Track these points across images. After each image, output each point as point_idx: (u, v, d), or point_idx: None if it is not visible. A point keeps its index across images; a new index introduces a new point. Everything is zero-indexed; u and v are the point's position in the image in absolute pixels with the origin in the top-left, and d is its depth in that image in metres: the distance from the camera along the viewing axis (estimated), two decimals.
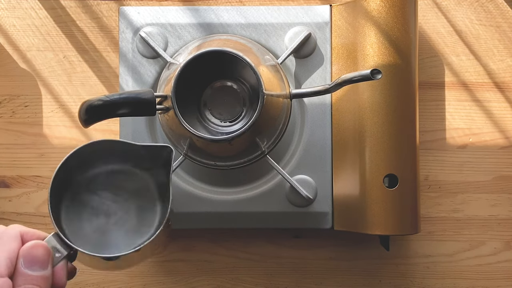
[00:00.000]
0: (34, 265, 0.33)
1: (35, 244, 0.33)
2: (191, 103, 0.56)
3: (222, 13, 0.62)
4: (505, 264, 0.64)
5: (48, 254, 0.33)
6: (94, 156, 0.44)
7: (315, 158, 0.61)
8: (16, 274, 0.32)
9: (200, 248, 0.65)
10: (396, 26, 0.58)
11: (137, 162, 0.46)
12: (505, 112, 0.65)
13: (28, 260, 0.33)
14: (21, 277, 0.32)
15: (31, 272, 0.32)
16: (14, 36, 0.66)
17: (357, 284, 0.64)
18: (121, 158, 0.46)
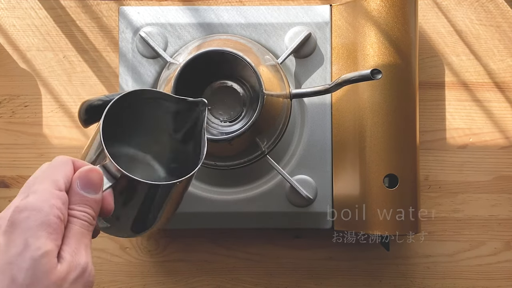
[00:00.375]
0: (89, 187, 0.35)
1: (91, 168, 0.36)
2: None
3: (222, 13, 0.62)
4: (506, 264, 0.64)
5: (101, 179, 0.36)
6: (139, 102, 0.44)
7: (315, 158, 0.61)
8: (71, 193, 0.35)
9: (200, 248, 0.65)
10: (396, 26, 0.58)
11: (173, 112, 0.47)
12: (505, 112, 0.65)
13: (84, 182, 0.35)
14: (76, 196, 0.35)
15: (85, 194, 0.35)
16: (14, 36, 0.66)
17: (357, 284, 0.64)
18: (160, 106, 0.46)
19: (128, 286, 0.64)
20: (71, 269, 0.32)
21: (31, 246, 0.31)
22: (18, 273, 0.31)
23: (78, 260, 0.33)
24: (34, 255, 0.31)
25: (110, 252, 0.64)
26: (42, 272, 0.31)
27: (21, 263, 0.31)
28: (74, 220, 0.34)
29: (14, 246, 0.31)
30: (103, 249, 0.64)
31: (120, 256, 0.64)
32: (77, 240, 0.33)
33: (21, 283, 0.30)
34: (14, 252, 0.31)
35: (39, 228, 0.32)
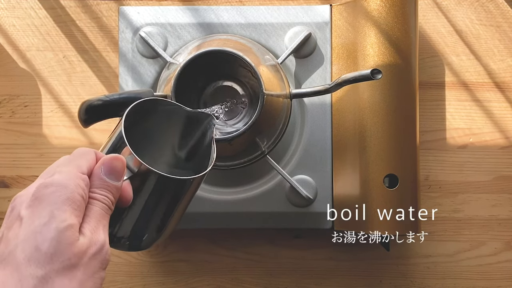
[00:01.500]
0: (112, 174, 0.37)
1: (116, 157, 0.37)
2: (191, 103, 0.56)
3: (222, 13, 0.62)
4: (506, 264, 0.64)
5: (124, 168, 0.38)
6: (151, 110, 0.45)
7: (315, 158, 0.61)
8: (94, 178, 0.36)
9: (200, 248, 0.65)
10: (396, 26, 0.58)
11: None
12: (506, 112, 0.65)
13: (107, 169, 0.37)
14: (99, 181, 0.36)
15: (108, 179, 0.36)
16: (14, 36, 0.66)
17: (357, 284, 0.64)
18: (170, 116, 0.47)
19: (128, 286, 0.64)
20: (91, 244, 0.33)
21: (56, 217, 0.32)
22: (42, 242, 0.32)
23: (97, 237, 0.34)
24: (60, 226, 0.32)
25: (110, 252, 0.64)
26: (66, 243, 0.32)
27: (46, 233, 0.32)
28: (95, 202, 0.35)
29: (39, 217, 0.32)
30: None
31: (120, 256, 0.64)
32: (96, 220, 0.35)
33: (45, 251, 0.31)
34: (39, 222, 0.32)
35: (65, 203, 0.33)
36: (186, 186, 0.42)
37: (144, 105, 0.43)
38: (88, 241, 0.33)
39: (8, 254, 0.32)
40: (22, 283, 0.31)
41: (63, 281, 0.32)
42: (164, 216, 0.43)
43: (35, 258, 0.31)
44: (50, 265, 0.31)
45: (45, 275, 0.31)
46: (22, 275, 0.31)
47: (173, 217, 0.44)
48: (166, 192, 0.42)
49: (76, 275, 0.32)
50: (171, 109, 0.46)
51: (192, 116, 0.46)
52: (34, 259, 0.31)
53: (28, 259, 0.31)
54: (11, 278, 0.31)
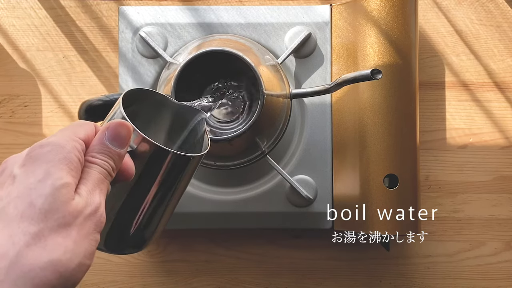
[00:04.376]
0: (115, 140, 0.35)
1: (122, 122, 0.36)
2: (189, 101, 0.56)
3: (222, 13, 0.62)
4: (506, 265, 0.64)
5: (130, 135, 0.36)
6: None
7: (315, 158, 0.61)
8: (97, 142, 0.35)
9: (200, 248, 0.65)
10: (396, 26, 0.58)
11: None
12: (506, 112, 0.65)
13: (112, 134, 0.35)
14: (101, 146, 0.35)
15: (111, 145, 0.35)
16: (14, 36, 0.65)
17: (357, 284, 0.64)
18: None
19: (128, 286, 0.64)
20: (87, 204, 0.32)
21: (52, 175, 0.31)
22: (37, 198, 0.30)
23: (93, 199, 0.33)
24: (55, 183, 0.31)
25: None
26: (61, 201, 0.31)
27: (41, 189, 0.31)
28: (93, 166, 0.34)
29: (34, 175, 0.31)
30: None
31: (120, 256, 0.64)
32: (93, 183, 0.33)
33: (39, 208, 0.30)
34: (34, 179, 0.31)
35: (61, 161, 0.32)
36: (187, 164, 0.41)
37: (136, 95, 0.42)
38: (84, 202, 0.32)
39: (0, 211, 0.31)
40: (13, 239, 0.30)
41: (57, 239, 0.30)
42: (160, 201, 0.42)
43: (28, 215, 0.30)
44: (44, 222, 0.30)
45: (38, 232, 0.30)
46: (13, 231, 0.30)
47: (170, 202, 0.43)
48: (165, 169, 0.40)
49: (70, 234, 0.31)
50: (163, 102, 0.45)
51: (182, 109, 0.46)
52: (27, 215, 0.30)
53: (21, 216, 0.30)
54: (1, 234, 0.30)
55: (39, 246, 0.30)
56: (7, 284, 0.28)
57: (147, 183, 0.40)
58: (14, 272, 0.29)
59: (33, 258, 0.29)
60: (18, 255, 0.29)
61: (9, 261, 0.29)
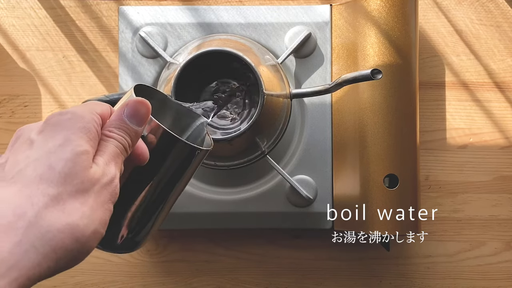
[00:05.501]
0: (134, 117, 0.35)
1: (142, 100, 0.36)
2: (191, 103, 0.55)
3: (222, 13, 0.61)
4: (506, 265, 0.64)
5: (148, 114, 0.36)
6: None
7: (315, 158, 0.61)
8: (115, 118, 0.35)
9: (200, 248, 0.65)
10: (396, 26, 0.58)
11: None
12: (506, 112, 0.65)
13: (131, 111, 0.35)
14: (119, 122, 0.35)
15: (129, 122, 0.35)
16: (14, 36, 0.65)
17: (357, 284, 0.64)
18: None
19: (128, 286, 0.64)
20: (103, 174, 0.32)
21: (72, 141, 0.31)
22: (57, 162, 0.30)
23: (109, 169, 0.33)
24: (75, 149, 0.31)
25: (110, 253, 0.64)
26: (80, 167, 0.31)
27: (61, 154, 0.31)
28: (110, 140, 0.34)
29: (53, 140, 0.31)
30: None
31: (120, 257, 0.64)
32: (109, 155, 0.33)
33: (59, 171, 0.30)
34: (53, 144, 0.31)
35: (81, 130, 0.32)
36: (193, 156, 0.41)
37: (143, 91, 0.42)
38: (101, 171, 0.32)
39: (17, 173, 0.30)
40: (32, 200, 0.29)
41: (75, 204, 0.30)
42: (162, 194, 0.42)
43: (48, 177, 0.30)
44: (63, 185, 0.30)
45: (57, 195, 0.30)
46: (32, 192, 0.29)
47: (170, 197, 0.43)
48: (173, 158, 0.40)
49: (87, 200, 0.31)
50: (165, 102, 0.45)
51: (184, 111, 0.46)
52: (47, 177, 0.30)
53: (40, 178, 0.30)
54: (19, 194, 0.29)
55: (58, 209, 0.30)
56: (25, 245, 0.28)
57: (154, 170, 0.40)
58: (32, 233, 0.28)
59: (51, 220, 0.29)
60: (37, 216, 0.29)
61: (27, 222, 0.28)
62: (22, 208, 0.29)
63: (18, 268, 0.27)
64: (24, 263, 0.28)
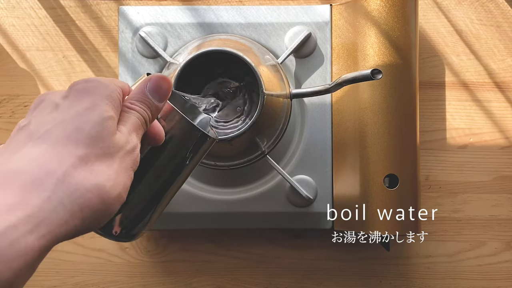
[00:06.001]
0: (156, 93, 0.35)
1: (164, 77, 0.36)
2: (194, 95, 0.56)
3: (222, 13, 0.61)
4: (506, 265, 0.64)
5: (169, 90, 0.36)
6: None
7: (315, 158, 0.61)
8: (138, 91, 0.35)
9: (200, 248, 0.65)
10: (396, 26, 0.58)
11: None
12: (506, 112, 0.65)
13: (153, 86, 0.35)
14: (141, 95, 0.35)
15: (151, 97, 0.35)
16: (14, 36, 0.65)
17: (357, 284, 0.64)
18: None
19: (128, 286, 0.64)
20: (127, 141, 0.32)
21: (99, 106, 0.31)
22: (85, 124, 0.31)
23: (132, 138, 0.33)
24: (103, 114, 0.31)
25: (110, 253, 0.64)
26: (107, 131, 0.31)
27: (89, 116, 0.31)
28: (132, 112, 0.34)
29: (80, 104, 0.31)
30: (103, 249, 0.64)
31: (120, 257, 0.64)
32: (131, 126, 0.33)
33: (87, 133, 0.30)
34: (81, 108, 0.31)
35: (106, 97, 0.32)
36: (202, 144, 0.41)
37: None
38: (124, 138, 0.32)
39: (44, 133, 0.30)
40: (61, 158, 0.29)
41: (101, 166, 0.30)
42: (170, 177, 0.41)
43: (76, 138, 0.30)
44: (91, 147, 0.30)
45: (85, 155, 0.30)
46: (60, 151, 0.30)
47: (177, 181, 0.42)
48: (183, 143, 0.40)
49: (113, 164, 0.31)
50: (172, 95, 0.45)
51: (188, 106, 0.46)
52: (75, 138, 0.30)
53: (68, 138, 0.30)
54: (46, 153, 0.29)
55: (85, 170, 0.30)
56: (54, 201, 0.28)
57: (164, 153, 0.40)
58: (61, 190, 0.28)
59: (79, 179, 0.29)
60: (65, 174, 0.29)
61: (56, 179, 0.28)
62: (50, 166, 0.29)
63: (46, 224, 0.27)
64: (52, 220, 0.28)
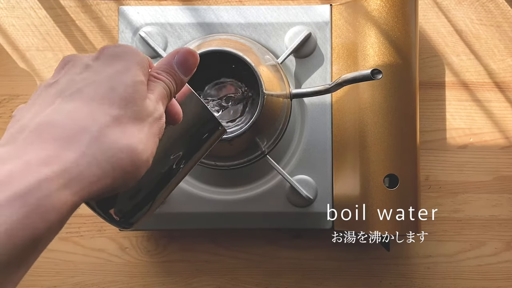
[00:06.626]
0: (182, 66, 0.35)
1: (192, 51, 0.36)
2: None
3: (222, 13, 0.61)
4: (506, 265, 0.64)
5: (195, 66, 0.36)
6: None
7: (315, 158, 0.61)
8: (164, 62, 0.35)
9: (200, 248, 0.65)
10: (396, 26, 0.58)
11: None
12: (506, 112, 0.65)
13: (181, 59, 0.35)
14: (168, 66, 0.35)
15: (177, 69, 0.35)
16: (13, 36, 0.65)
17: (357, 284, 0.64)
18: None
19: (128, 286, 0.64)
20: (156, 108, 0.32)
21: (132, 70, 0.31)
22: (118, 85, 0.30)
23: (159, 106, 0.32)
24: (135, 78, 0.31)
25: (110, 253, 0.64)
26: (139, 95, 0.31)
27: (122, 78, 0.30)
28: (159, 81, 0.33)
29: (112, 67, 0.31)
30: (103, 249, 0.64)
31: (120, 257, 0.64)
32: (158, 94, 0.33)
33: (120, 94, 0.30)
34: (113, 70, 0.31)
35: (138, 64, 0.32)
36: (214, 131, 0.40)
37: None
38: (153, 105, 0.32)
39: (76, 91, 0.30)
40: (95, 116, 0.29)
41: (133, 129, 0.30)
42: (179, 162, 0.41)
43: (110, 98, 0.29)
44: (124, 109, 0.30)
45: (118, 116, 0.29)
46: (94, 110, 0.29)
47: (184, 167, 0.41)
48: (196, 128, 0.40)
49: (143, 128, 0.30)
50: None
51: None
52: (108, 98, 0.29)
53: (101, 97, 0.29)
54: (79, 110, 0.29)
55: (119, 130, 0.29)
56: (89, 157, 0.27)
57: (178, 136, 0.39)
58: (96, 147, 0.28)
59: (113, 138, 0.29)
60: (100, 131, 0.28)
61: (90, 135, 0.28)
62: (85, 123, 0.28)
63: (79, 180, 0.27)
64: (86, 176, 0.27)
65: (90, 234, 0.65)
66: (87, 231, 0.64)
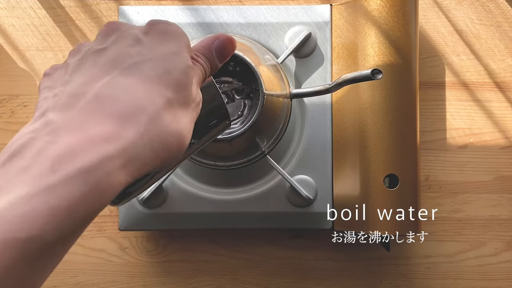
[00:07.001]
0: (220, 52, 0.34)
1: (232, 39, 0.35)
2: None
3: (222, 12, 0.61)
4: (506, 265, 0.64)
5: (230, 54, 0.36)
6: None
7: (315, 158, 0.61)
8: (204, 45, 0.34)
9: (200, 248, 0.65)
10: (396, 25, 0.58)
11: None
12: (506, 112, 0.65)
13: (220, 45, 0.35)
14: (207, 50, 0.34)
15: (215, 54, 0.35)
16: (13, 35, 0.65)
17: (357, 284, 0.64)
18: None
19: (128, 286, 0.64)
20: (197, 93, 0.32)
21: (183, 54, 0.30)
22: (173, 69, 0.30)
23: (198, 91, 0.32)
24: (186, 62, 0.30)
25: (110, 253, 0.64)
26: (189, 81, 0.30)
27: (176, 62, 0.30)
28: (197, 64, 0.33)
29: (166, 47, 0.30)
30: (103, 249, 0.64)
31: (119, 257, 0.64)
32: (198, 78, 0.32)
33: (175, 77, 0.29)
34: (167, 50, 0.30)
35: (186, 45, 0.31)
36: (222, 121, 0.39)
37: None
38: (196, 90, 0.31)
39: (133, 65, 0.29)
40: (152, 97, 0.28)
41: (181, 114, 0.29)
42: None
43: (165, 80, 0.29)
44: (177, 93, 0.29)
45: (171, 99, 0.29)
46: (151, 89, 0.28)
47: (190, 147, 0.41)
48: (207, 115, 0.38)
49: (188, 115, 0.30)
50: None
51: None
52: (165, 80, 0.29)
53: (159, 78, 0.29)
54: (138, 87, 0.28)
55: (170, 114, 0.29)
56: (146, 139, 0.27)
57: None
58: (152, 128, 0.28)
59: (166, 121, 0.28)
60: (156, 113, 0.28)
61: (149, 117, 0.28)
62: (143, 102, 0.28)
63: (136, 160, 0.27)
64: (142, 157, 0.27)
65: (90, 234, 0.65)
66: (87, 231, 0.64)
